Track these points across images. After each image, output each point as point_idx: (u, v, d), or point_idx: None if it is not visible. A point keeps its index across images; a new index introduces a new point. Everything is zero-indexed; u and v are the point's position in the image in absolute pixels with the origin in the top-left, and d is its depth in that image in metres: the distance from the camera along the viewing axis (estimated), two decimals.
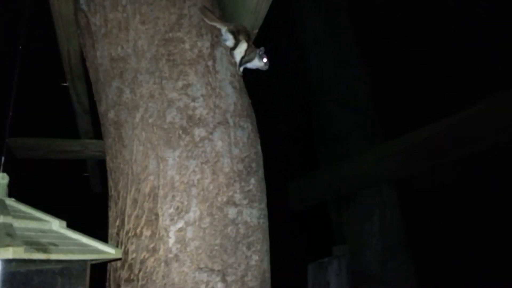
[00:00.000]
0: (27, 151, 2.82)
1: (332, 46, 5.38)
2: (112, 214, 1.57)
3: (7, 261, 1.08)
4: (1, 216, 1.13)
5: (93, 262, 1.25)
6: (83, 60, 1.85)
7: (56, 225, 1.23)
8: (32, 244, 1.13)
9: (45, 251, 1.12)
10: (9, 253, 1.00)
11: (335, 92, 5.20)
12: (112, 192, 1.60)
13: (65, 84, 2.16)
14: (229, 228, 1.47)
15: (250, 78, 1.87)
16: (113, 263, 1.52)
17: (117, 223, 1.52)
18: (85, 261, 1.21)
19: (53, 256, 1.12)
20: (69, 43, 1.85)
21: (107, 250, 1.26)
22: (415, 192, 5.05)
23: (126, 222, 1.48)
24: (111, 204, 1.59)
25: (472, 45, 4.87)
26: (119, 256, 1.24)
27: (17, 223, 1.15)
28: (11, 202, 1.27)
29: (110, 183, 1.63)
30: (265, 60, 1.81)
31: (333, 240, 4.86)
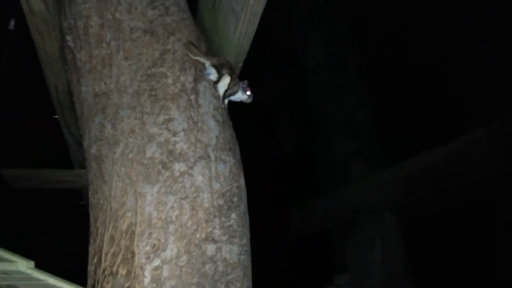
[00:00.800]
0: (22, 182, 2.84)
1: (332, 73, 5.40)
2: (91, 251, 1.56)
3: None
4: None
5: None
6: (71, 94, 1.87)
7: (24, 265, 1.21)
8: None
9: None
10: None
11: (336, 118, 5.20)
12: (92, 228, 1.59)
13: (55, 117, 2.19)
14: (207, 266, 1.45)
15: (254, 102, 1.86)
16: None
17: (95, 260, 1.50)
18: None
19: None
20: (56, 78, 1.88)
21: None
22: (418, 219, 4.95)
23: (103, 260, 1.46)
24: (91, 241, 1.58)
25: (475, 69, 4.85)
26: None
27: None
28: None
29: (91, 219, 1.62)
30: (248, 93, 1.81)
31: (335, 268, 4.76)
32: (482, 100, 4.71)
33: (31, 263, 1.21)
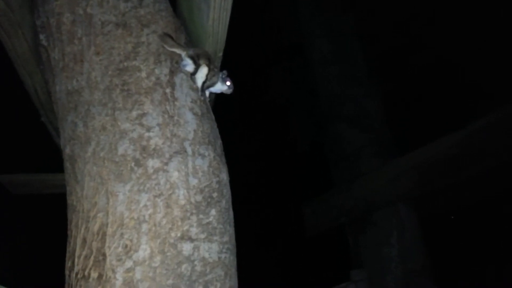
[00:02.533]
0: (21, 187, 2.83)
1: (339, 64, 5.25)
2: (67, 254, 1.50)
3: None
4: None
5: None
6: (50, 95, 1.82)
7: None
8: None
9: None
10: None
11: (345, 110, 5.04)
12: (68, 230, 1.53)
13: (41, 120, 2.15)
14: (184, 266, 1.36)
15: (269, 97, 1.77)
16: None
17: (69, 264, 1.44)
18: None
19: None
20: (33, 79, 1.84)
21: None
22: (435, 211, 4.76)
23: (76, 263, 1.40)
24: (67, 244, 1.52)
25: (485, 55, 4.64)
26: None
27: None
28: None
29: (68, 221, 1.56)
30: (228, 83, 1.73)
31: (351, 264, 4.62)
32: (494, 86, 4.50)
33: None
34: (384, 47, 5.62)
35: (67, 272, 1.45)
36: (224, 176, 1.62)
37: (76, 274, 1.38)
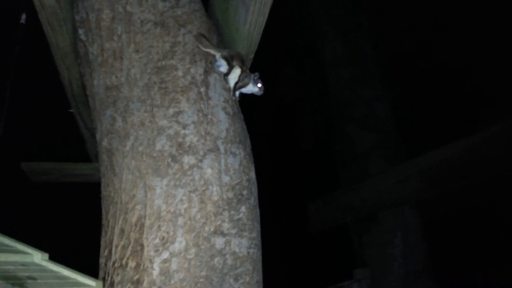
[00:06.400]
0: (41, 176, 2.89)
1: (351, 66, 5.32)
2: (102, 243, 1.57)
3: None
4: None
5: None
6: (85, 88, 1.89)
7: (38, 257, 1.23)
8: (9, 279, 1.13)
9: (21, 285, 1.12)
10: None
11: (355, 112, 5.12)
12: (103, 221, 1.60)
13: (71, 111, 2.21)
14: (216, 259, 1.44)
15: (276, 96, 1.84)
16: None
17: (105, 253, 1.51)
18: None
19: None
20: (69, 73, 1.89)
21: (87, 283, 1.25)
22: (440, 214, 4.84)
23: (113, 253, 1.47)
24: (102, 233, 1.59)
25: (496, 62, 4.69)
26: None
27: None
28: None
29: (103, 211, 1.63)
30: (259, 85, 1.79)
31: (354, 263, 4.71)
32: (503, 93, 4.56)
33: (46, 255, 1.23)
34: (395, 51, 5.67)
35: (102, 261, 1.52)
36: (253, 175, 1.69)
37: (114, 263, 1.45)
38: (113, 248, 1.48)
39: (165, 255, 1.40)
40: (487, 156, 3.57)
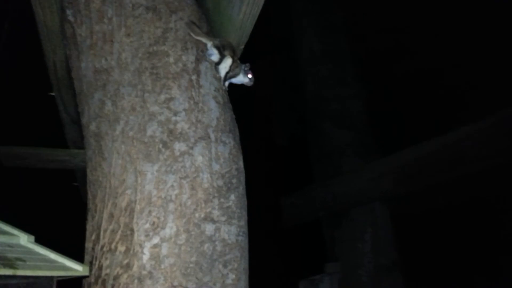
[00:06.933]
0: (15, 160, 2.79)
1: (327, 64, 5.40)
2: (88, 228, 1.55)
3: None
4: None
5: (60, 278, 1.22)
6: (69, 71, 1.84)
7: (25, 239, 1.20)
8: None
9: (11, 266, 1.10)
10: None
11: (330, 109, 5.21)
12: (90, 205, 1.58)
13: (52, 94, 2.15)
14: (206, 245, 1.45)
15: (250, 90, 1.86)
16: (87, 278, 1.49)
17: (93, 237, 1.49)
18: (52, 277, 1.18)
19: (20, 272, 1.10)
20: (55, 54, 1.84)
21: (75, 267, 1.24)
22: (409, 212, 5.01)
23: (101, 237, 1.46)
24: (89, 218, 1.57)
25: (470, 61, 4.88)
26: (87, 273, 1.22)
27: None
28: None
29: (89, 195, 1.61)
30: (250, 76, 1.80)
31: (326, 257, 4.81)
32: (476, 93, 4.75)
33: (32, 238, 1.21)
34: (371, 50, 5.80)
35: (89, 245, 1.51)
36: (241, 164, 1.70)
37: (102, 247, 1.44)
38: (102, 233, 1.46)
39: (156, 240, 1.40)
40: (459, 155, 3.72)
